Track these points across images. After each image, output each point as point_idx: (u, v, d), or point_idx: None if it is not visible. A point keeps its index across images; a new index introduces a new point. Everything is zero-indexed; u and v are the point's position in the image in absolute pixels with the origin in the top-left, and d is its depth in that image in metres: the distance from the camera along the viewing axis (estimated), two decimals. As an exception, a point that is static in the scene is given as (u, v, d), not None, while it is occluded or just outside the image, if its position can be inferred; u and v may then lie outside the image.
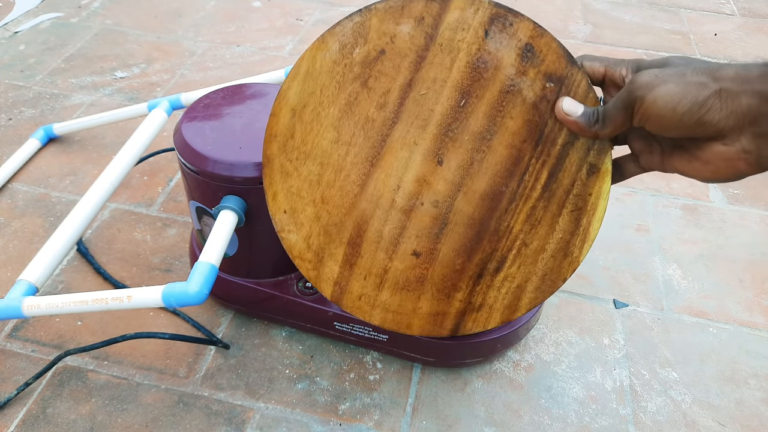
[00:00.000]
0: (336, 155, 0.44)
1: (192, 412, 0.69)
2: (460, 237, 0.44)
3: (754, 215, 0.98)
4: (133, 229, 0.90)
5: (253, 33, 1.39)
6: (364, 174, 0.43)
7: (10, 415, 0.68)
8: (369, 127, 0.43)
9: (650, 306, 0.83)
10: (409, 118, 0.42)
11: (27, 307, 0.60)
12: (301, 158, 0.44)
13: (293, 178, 0.45)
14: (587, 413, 0.71)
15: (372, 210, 0.44)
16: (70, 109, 1.13)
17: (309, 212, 0.45)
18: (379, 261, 0.46)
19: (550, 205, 0.42)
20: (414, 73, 0.42)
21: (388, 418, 0.69)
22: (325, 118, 0.43)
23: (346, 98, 0.43)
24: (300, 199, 0.45)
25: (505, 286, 0.44)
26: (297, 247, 0.46)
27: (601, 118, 0.41)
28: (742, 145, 0.36)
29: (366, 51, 0.42)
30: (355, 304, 0.48)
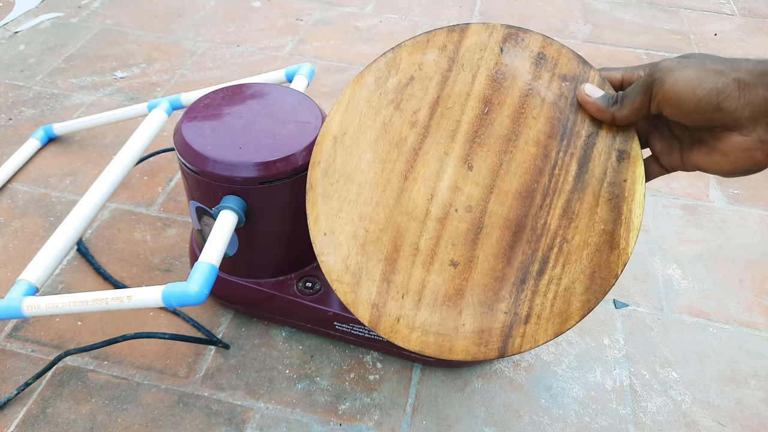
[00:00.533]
0: (372, 173, 0.46)
1: (192, 412, 0.69)
2: (498, 240, 0.44)
3: (754, 215, 0.98)
4: (133, 229, 0.90)
5: (253, 33, 1.39)
6: (399, 188, 0.45)
7: (10, 415, 0.68)
8: (402, 144, 0.46)
9: (650, 306, 0.83)
10: (438, 131, 0.46)
11: (27, 307, 0.60)
12: (341, 180, 0.46)
13: (333, 200, 0.46)
14: (587, 413, 0.71)
15: (407, 222, 0.45)
16: (70, 109, 1.13)
17: (347, 231, 0.45)
18: (417, 276, 0.44)
19: (585, 197, 0.43)
20: (440, 91, 0.47)
21: (388, 418, 0.69)
22: (363, 141, 0.47)
23: (381, 121, 0.47)
24: (339, 219, 0.46)
25: (552, 290, 0.42)
26: (335, 269, 0.45)
27: (620, 100, 0.42)
28: (758, 136, 0.36)
29: (398, 79, 0.48)
30: (394, 328, 0.44)
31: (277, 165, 0.62)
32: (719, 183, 1.03)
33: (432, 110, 0.47)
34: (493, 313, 0.43)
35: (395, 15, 1.49)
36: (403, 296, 0.44)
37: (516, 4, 1.55)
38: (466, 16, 1.49)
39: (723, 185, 1.03)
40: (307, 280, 0.73)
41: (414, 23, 1.45)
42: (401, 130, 0.47)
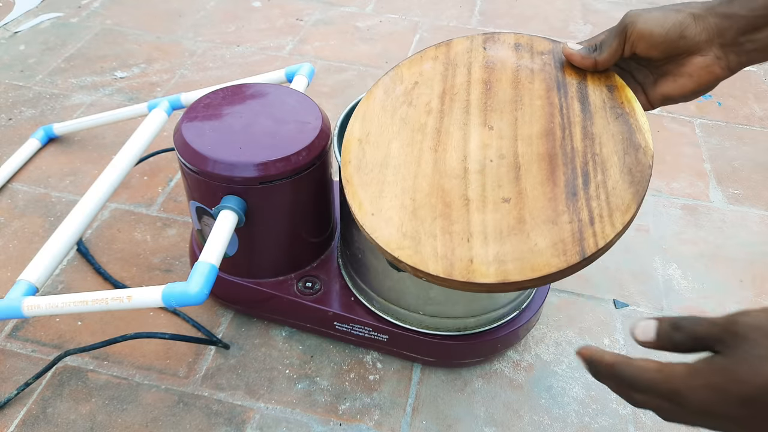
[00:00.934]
0: (404, 155, 0.51)
1: (192, 412, 0.69)
2: (538, 171, 0.48)
3: (754, 215, 0.98)
4: (133, 229, 0.90)
5: (253, 33, 1.39)
6: (433, 159, 0.50)
7: (10, 415, 0.68)
8: (424, 128, 0.52)
9: (650, 306, 0.83)
10: (452, 111, 0.53)
11: (27, 307, 0.60)
12: (375, 169, 0.51)
13: (372, 185, 0.50)
14: (587, 413, 0.71)
15: (450, 182, 0.49)
16: (70, 109, 1.13)
17: (394, 206, 0.48)
18: (475, 219, 0.47)
19: (596, 120, 0.50)
20: (444, 85, 0.55)
21: (388, 418, 0.69)
22: (387, 135, 0.53)
23: (399, 117, 0.54)
24: (382, 199, 0.49)
25: (602, 193, 0.46)
26: (393, 240, 0.47)
27: (599, 47, 0.50)
28: (714, 54, 0.46)
29: (404, 86, 0.55)
30: (469, 269, 0.45)
31: (277, 165, 0.62)
32: (719, 183, 1.03)
33: (441, 99, 0.53)
34: (559, 226, 0.46)
35: (395, 15, 1.49)
36: (469, 240, 0.47)
37: (516, 4, 1.55)
38: (466, 16, 1.49)
39: (723, 185, 1.03)
40: (307, 280, 0.73)
41: (414, 23, 1.45)
42: (419, 118, 0.53)
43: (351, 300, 0.72)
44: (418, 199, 0.48)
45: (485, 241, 0.46)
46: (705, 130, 1.16)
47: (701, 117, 1.18)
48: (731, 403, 0.29)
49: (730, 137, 1.14)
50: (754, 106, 1.22)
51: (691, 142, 1.12)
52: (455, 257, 0.46)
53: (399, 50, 1.35)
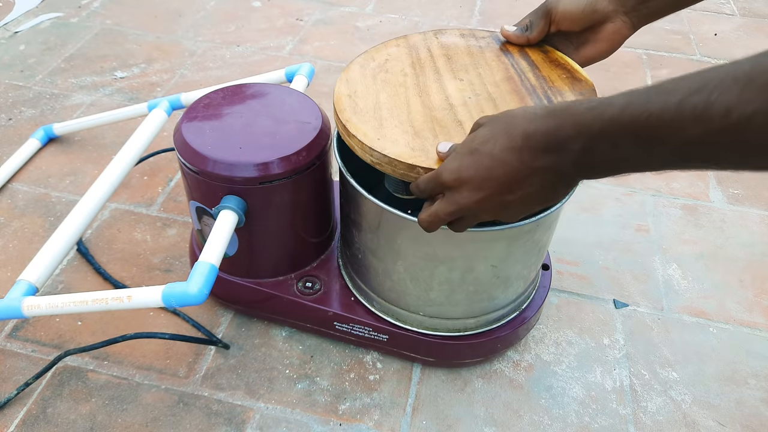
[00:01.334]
0: (393, 101, 0.59)
1: (192, 412, 0.69)
2: (511, 100, 0.59)
3: (754, 215, 0.98)
4: (133, 229, 0.90)
5: (253, 33, 1.39)
6: (420, 101, 0.59)
7: (10, 415, 0.68)
8: (404, 84, 0.61)
9: (650, 306, 0.83)
10: (425, 73, 0.63)
11: (27, 307, 0.60)
12: (370, 112, 0.58)
13: (371, 121, 0.57)
14: (587, 413, 0.71)
15: (440, 113, 0.57)
16: (70, 109, 1.13)
17: (397, 132, 0.55)
18: (468, 131, 0.56)
19: (542, 68, 0.62)
20: (412, 59, 0.65)
21: (388, 418, 0.69)
22: (373, 90, 0.61)
23: (381, 79, 0.62)
24: (384, 128, 0.56)
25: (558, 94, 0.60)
26: (404, 153, 0.53)
27: (530, 27, 0.62)
28: (621, 19, 0.57)
29: (376, 63, 0.64)
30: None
31: (277, 165, 0.62)
32: (719, 183, 1.03)
33: (413, 67, 0.63)
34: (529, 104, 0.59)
35: (395, 15, 1.49)
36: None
37: (516, 4, 1.54)
38: (465, 16, 1.49)
39: (723, 185, 1.03)
40: (307, 280, 0.73)
41: (414, 23, 1.45)
42: (397, 79, 0.62)
43: (351, 300, 0.72)
44: (416, 126, 0.56)
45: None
46: (705, 130, 1.15)
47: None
48: (439, 185, 0.48)
49: (730, 137, 1.14)
50: (754, 106, 1.22)
51: (691, 142, 1.12)
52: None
53: (399, 50, 1.35)
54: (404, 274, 0.63)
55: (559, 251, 0.90)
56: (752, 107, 0.29)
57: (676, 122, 0.33)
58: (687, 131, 0.32)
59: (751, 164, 0.32)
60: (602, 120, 0.37)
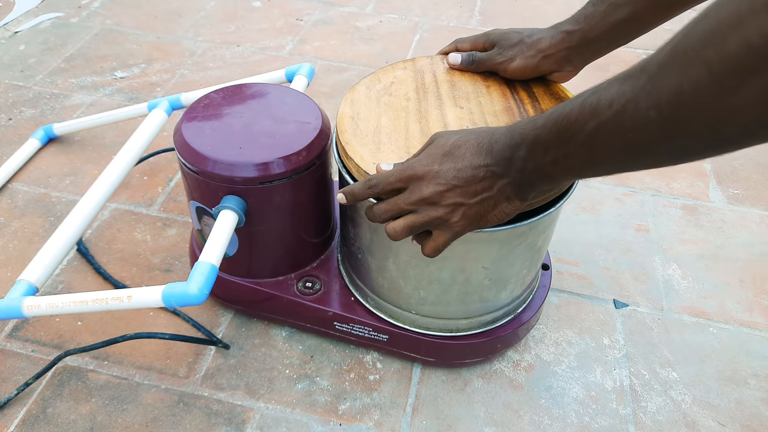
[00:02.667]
0: (393, 125, 0.60)
1: (192, 412, 0.69)
2: None
3: (754, 215, 0.98)
4: (133, 229, 0.90)
5: (253, 33, 1.39)
6: (419, 127, 0.60)
7: (10, 415, 0.68)
8: (406, 108, 0.62)
9: (650, 306, 0.83)
10: (427, 99, 0.63)
11: (27, 307, 0.60)
12: (370, 135, 0.59)
13: (370, 145, 0.58)
14: (587, 413, 0.71)
15: None
16: (70, 109, 1.13)
17: (393, 157, 0.56)
18: None
19: (542, 100, 0.64)
20: (416, 83, 0.66)
21: (388, 418, 0.69)
22: (375, 113, 0.62)
23: (384, 102, 0.63)
24: (380, 153, 0.57)
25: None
26: None
27: (476, 64, 0.65)
28: (566, 69, 0.64)
29: (382, 84, 0.66)
30: None
31: (277, 165, 0.62)
32: (719, 183, 1.03)
33: (417, 92, 0.64)
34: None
35: (395, 15, 1.49)
36: None
37: (516, 5, 1.54)
38: (466, 16, 1.49)
39: (723, 185, 1.03)
40: (307, 280, 0.73)
41: (414, 23, 1.45)
42: (400, 103, 0.63)
43: (351, 300, 0.72)
44: (411, 152, 0.57)
45: None
46: (705, 130, 1.15)
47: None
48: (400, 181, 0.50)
49: (730, 137, 1.14)
50: (754, 106, 1.22)
51: (691, 142, 1.12)
52: None
53: (399, 50, 1.35)
54: (401, 274, 0.63)
55: (559, 251, 0.90)
56: (625, 98, 0.35)
57: (580, 118, 0.38)
58: (587, 125, 0.38)
59: (637, 155, 0.37)
60: (535, 127, 0.43)
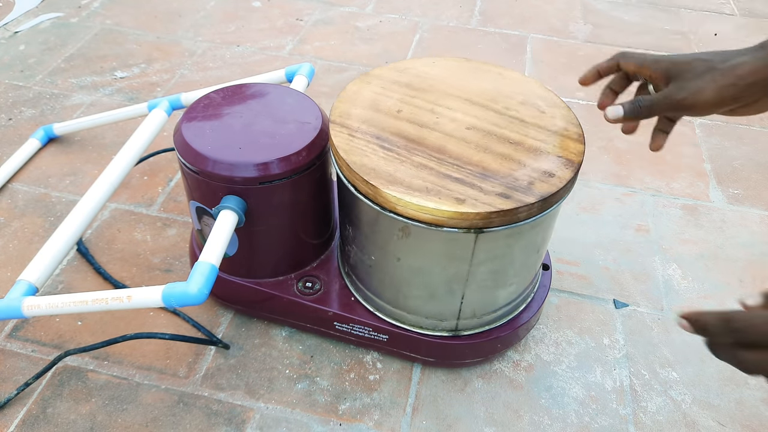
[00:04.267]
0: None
1: (192, 412, 0.69)
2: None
3: (754, 215, 0.98)
4: (133, 229, 0.90)
5: (253, 33, 1.39)
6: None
7: (10, 415, 0.68)
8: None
9: (650, 306, 0.83)
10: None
11: (27, 307, 0.60)
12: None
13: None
14: (587, 413, 0.71)
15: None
16: (70, 109, 1.13)
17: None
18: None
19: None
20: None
21: (388, 418, 0.69)
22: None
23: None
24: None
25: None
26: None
27: (646, 110, 0.52)
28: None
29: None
30: None
31: (277, 165, 0.62)
32: (719, 183, 1.03)
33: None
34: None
35: (395, 15, 1.49)
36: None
37: (516, 4, 1.54)
38: (466, 16, 1.49)
39: (723, 185, 1.03)
40: (307, 280, 0.73)
41: (414, 23, 1.45)
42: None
43: (351, 300, 0.72)
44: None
45: None
46: (705, 130, 1.16)
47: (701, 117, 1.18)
48: None
49: (730, 137, 1.14)
50: (754, 106, 1.22)
51: (691, 142, 1.12)
52: None
53: (399, 50, 1.35)
54: (400, 275, 0.63)
55: (559, 251, 0.90)
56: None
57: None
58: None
59: None
60: None
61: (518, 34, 1.42)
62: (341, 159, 0.58)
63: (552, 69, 1.30)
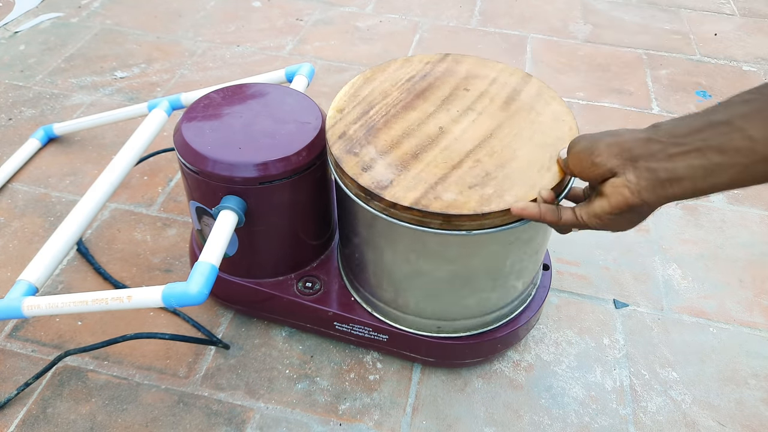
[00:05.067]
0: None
1: (192, 412, 0.69)
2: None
3: (754, 215, 0.98)
4: (133, 229, 0.90)
5: (253, 33, 1.39)
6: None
7: (10, 415, 0.68)
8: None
9: (650, 306, 0.83)
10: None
11: (27, 307, 0.60)
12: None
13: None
14: (587, 413, 0.71)
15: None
16: (70, 109, 1.13)
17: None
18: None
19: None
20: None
21: (388, 418, 0.69)
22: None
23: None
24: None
25: None
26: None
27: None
28: (626, 177, 0.45)
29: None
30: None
31: (277, 165, 0.62)
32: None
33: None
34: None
35: (395, 15, 1.49)
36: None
37: (516, 4, 1.54)
38: (466, 16, 1.49)
39: (723, 185, 1.03)
40: (307, 280, 0.73)
41: (414, 23, 1.45)
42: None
43: (351, 300, 0.72)
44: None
45: None
46: (705, 130, 1.15)
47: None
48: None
49: (730, 137, 1.14)
50: (754, 106, 1.22)
51: (691, 142, 1.12)
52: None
53: (399, 50, 1.35)
54: (400, 275, 0.63)
55: (559, 251, 0.90)
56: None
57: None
58: None
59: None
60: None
61: (518, 34, 1.42)
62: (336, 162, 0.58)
63: (552, 69, 1.30)
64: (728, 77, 1.30)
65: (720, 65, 1.34)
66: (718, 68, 1.33)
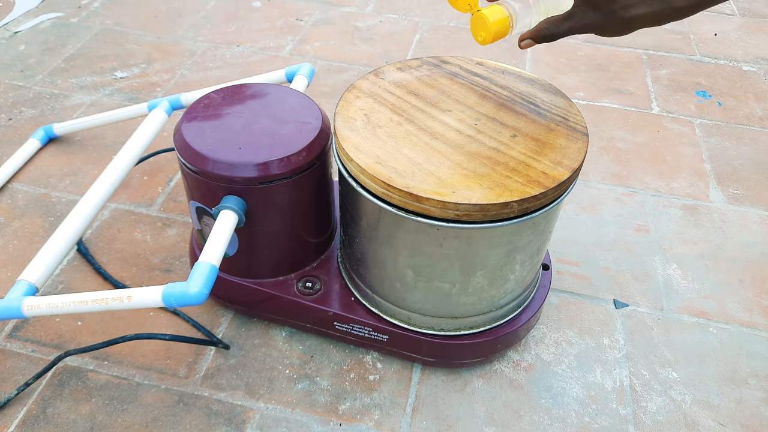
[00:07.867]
0: (417, 149, 0.58)
1: (192, 412, 0.69)
2: (506, 114, 0.62)
3: (754, 215, 0.98)
4: (133, 229, 0.90)
5: (253, 33, 1.39)
6: (439, 140, 0.58)
7: (10, 415, 0.68)
8: (409, 131, 0.60)
9: (650, 306, 0.83)
10: (413, 116, 0.62)
11: (27, 307, 0.60)
12: (412, 170, 0.57)
13: (426, 180, 0.55)
14: (587, 413, 0.71)
15: (473, 145, 0.58)
16: (70, 109, 1.13)
17: (457, 177, 0.55)
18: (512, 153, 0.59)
19: (493, 76, 0.66)
20: (387, 106, 0.63)
21: (388, 418, 0.69)
22: (392, 147, 0.58)
23: (386, 135, 0.59)
24: (441, 179, 0.56)
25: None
26: (486, 195, 0.55)
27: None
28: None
29: (360, 122, 0.61)
30: None
31: (277, 165, 0.62)
32: (719, 183, 1.03)
33: (397, 114, 0.62)
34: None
35: (395, 15, 1.49)
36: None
37: (516, 4, 1.54)
38: (466, 17, 1.49)
39: (723, 185, 1.03)
40: (307, 280, 0.73)
41: (414, 23, 1.45)
42: (398, 129, 0.60)
43: (351, 300, 0.72)
44: (465, 165, 0.55)
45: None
46: (705, 130, 1.16)
47: (701, 117, 1.19)
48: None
49: (730, 137, 1.14)
50: (754, 106, 1.22)
51: (691, 142, 1.12)
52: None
53: (399, 50, 1.35)
54: (400, 274, 0.63)
55: (559, 251, 0.90)
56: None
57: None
58: None
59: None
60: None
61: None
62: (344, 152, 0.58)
63: (552, 69, 1.30)
64: (728, 77, 1.30)
65: (720, 65, 1.34)
66: (718, 68, 1.33)
